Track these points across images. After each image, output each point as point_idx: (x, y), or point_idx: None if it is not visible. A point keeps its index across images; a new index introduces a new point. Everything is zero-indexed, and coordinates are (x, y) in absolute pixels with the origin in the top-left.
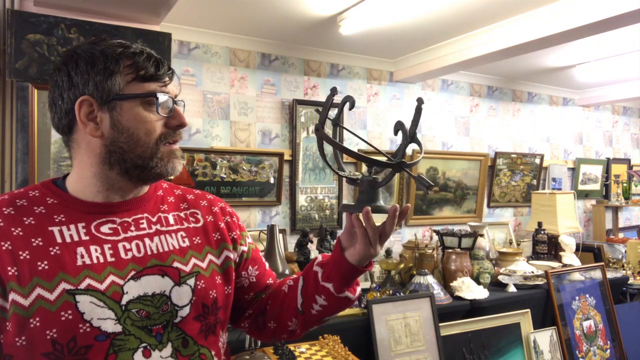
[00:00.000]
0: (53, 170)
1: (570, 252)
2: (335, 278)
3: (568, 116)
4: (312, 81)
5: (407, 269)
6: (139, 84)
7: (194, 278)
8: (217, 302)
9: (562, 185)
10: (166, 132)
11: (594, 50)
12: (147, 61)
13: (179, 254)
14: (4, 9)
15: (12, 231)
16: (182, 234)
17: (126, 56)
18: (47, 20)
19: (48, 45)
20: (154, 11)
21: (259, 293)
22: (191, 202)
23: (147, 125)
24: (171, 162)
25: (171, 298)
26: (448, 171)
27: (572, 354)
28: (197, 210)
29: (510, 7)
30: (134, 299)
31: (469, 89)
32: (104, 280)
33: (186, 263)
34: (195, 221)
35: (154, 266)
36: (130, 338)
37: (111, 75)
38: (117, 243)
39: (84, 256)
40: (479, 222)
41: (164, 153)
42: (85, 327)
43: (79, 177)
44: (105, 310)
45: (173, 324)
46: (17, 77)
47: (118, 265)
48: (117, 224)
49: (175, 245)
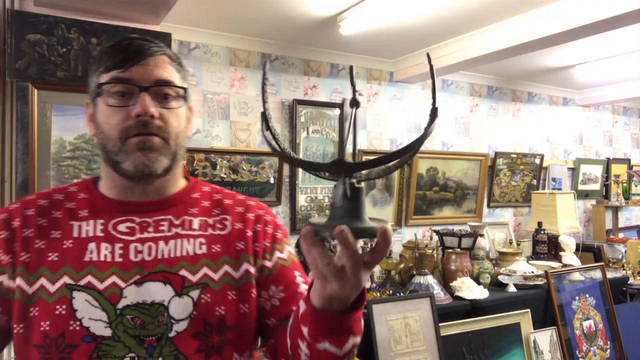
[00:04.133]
0: (53, 170)
1: (570, 252)
2: (307, 321)
3: (568, 116)
4: (312, 81)
5: (407, 269)
6: (105, 76)
7: (198, 290)
8: (226, 321)
9: (562, 185)
10: (129, 124)
11: (594, 50)
12: (116, 49)
13: (189, 261)
14: (4, 9)
15: (37, 221)
16: (201, 240)
17: (105, 51)
18: (47, 20)
19: (48, 45)
20: (154, 11)
21: (282, 320)
22: (225, 208)
23: (109, 119)
24: (139, 157)
25: (169, 309)
26: (448, 171)
27: (572, 354)
28: (228, 217)
29: (510, 7)
30: (131, 305)
31: (469, 89)
32: (104, 279)
33: (195, 272)
34: (222, 228)
35: (159, 272)
36: (119, 345)
37: (94, 72)
38: (130, 243)
39: (93, 252)
40: (479, 222)
41: (129, 147)
42: (75, 325)
43: (102, 174)
44: (99, 311)
45: (167, 337)
46: (17, 77)
47: (123, 267)
48: (136, 224)
49: (190, 251)
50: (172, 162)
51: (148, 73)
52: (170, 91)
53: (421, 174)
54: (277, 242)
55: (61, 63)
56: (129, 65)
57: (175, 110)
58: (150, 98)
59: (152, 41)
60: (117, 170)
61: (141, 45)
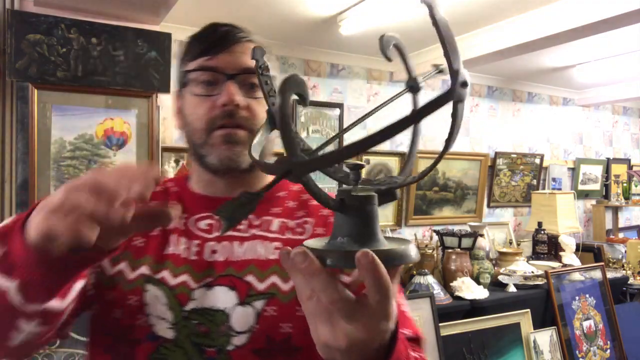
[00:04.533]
0: (53, 170)
1: (570, 252)
2: None
3: (568, 116)
4: (312, 81)
5: (407, 269)
6: (191, 64)
7: (263, 300)
8: (292, 340)
9: (562, 185)
10: (215, 115)
11: (594, 50)
12: (203, 36)
13: (259, 266)
14: (4, 9)
15: None
16: (276, 244)
17: (192, 39)
18: (47, 20)
19: (48, 45)
20: (154, 11)
21: None
22: (310, 210)
23: (195, 110)
24: (224, 151)
25: (230, 318)
26: (448, 171)
27: (572, 354)
28: (311, 220)
29: (511, 7)
30: (198, 309)
31: (469, 89)
32: (177, 276)
33: (262, 279)
34: (301, 232)
35: (228, 275)
36: (179, 351)
37: (181, 61)
38: (206, 241)
39: (171, 245)
40: (479, 222)
41: (214, 140)
42: (142, 320)
43: (191, 169)
44: (165, 310)
45: (227, 351)
46: (17, 77)
47: (196, 266)
48: (216, 221)
49: (262, 255)
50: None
51: (234, 61)
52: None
53: None
54: None
55: (61, 63)
56: (214, 52)
57: (262, 100)
58: (236, 87)
59: (239, 28)
60: (202, 164)
61: (227, 32)
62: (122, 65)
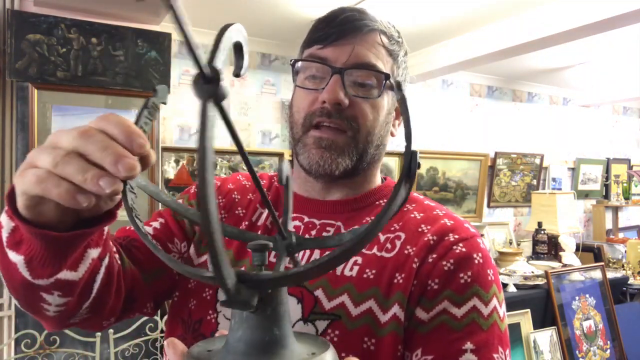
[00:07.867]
0: None
1: (570, 252)
2: None
3: (568, 116)
4: None
5: None
6: (306, 52)
7: (327, 322)
8: None
9: (562, 185)
10: (314, 109)
11: (594, 50)
12: (322, 21)
13: (331, 281)
14: (4, 9)
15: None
16: (357, 259)
17: (315, 22)
18: (47, 20)
19: (48, 45)
20: (154, 11)
21: None
22: (408, 224)
23: (298, 102)
24: (313, 154)
25: None
26: (448, 171)
27: (572, 354)
28: (403, 235)
29: (510, 7)
30: None
31: (469, 89)
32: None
33: (332, 297)
34: (390, 249)
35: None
36: None
37: (300, 48)
38: None
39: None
40: (479, 222)
41: (307, 139)
42: (212, 315)
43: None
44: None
45: None
46: (17, 77)
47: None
48: (303, 223)
49: (338, 269)
50: (357, 163)
51: (347, 52)
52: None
53: (421, 174)
54: (456, 287)
55: (61, 63)
56: (329, 41)
57: (374, 101)
58: (341, 83)
59: (365, 14)
60: (298, 161)
61: (348, 19)
62: (122, 65)
